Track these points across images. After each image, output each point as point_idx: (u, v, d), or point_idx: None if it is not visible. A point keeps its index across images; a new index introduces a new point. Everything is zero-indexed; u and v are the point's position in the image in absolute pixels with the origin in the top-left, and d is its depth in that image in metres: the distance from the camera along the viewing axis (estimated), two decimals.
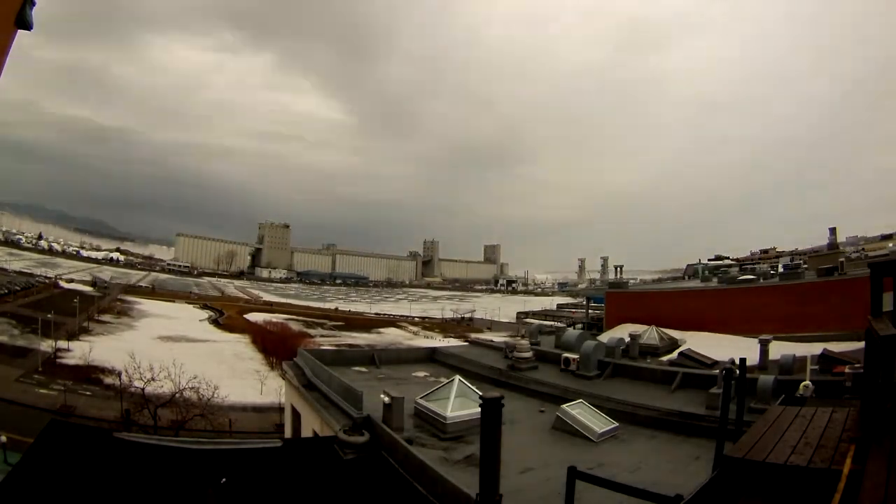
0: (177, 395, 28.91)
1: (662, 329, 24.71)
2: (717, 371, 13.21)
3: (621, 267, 54.32)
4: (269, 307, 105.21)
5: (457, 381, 12.46)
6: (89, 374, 38.90)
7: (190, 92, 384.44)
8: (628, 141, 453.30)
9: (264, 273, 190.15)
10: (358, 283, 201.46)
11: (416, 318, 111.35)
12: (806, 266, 33.52)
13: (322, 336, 70.75)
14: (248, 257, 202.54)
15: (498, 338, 38.26)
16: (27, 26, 3.14)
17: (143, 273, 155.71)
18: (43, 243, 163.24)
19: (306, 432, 13.67)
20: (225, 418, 30.35)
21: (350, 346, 56.71)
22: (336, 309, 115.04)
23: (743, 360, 8.28)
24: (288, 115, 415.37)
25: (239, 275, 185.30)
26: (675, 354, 20.76)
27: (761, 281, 30.17)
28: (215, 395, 30.53)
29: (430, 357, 20.39)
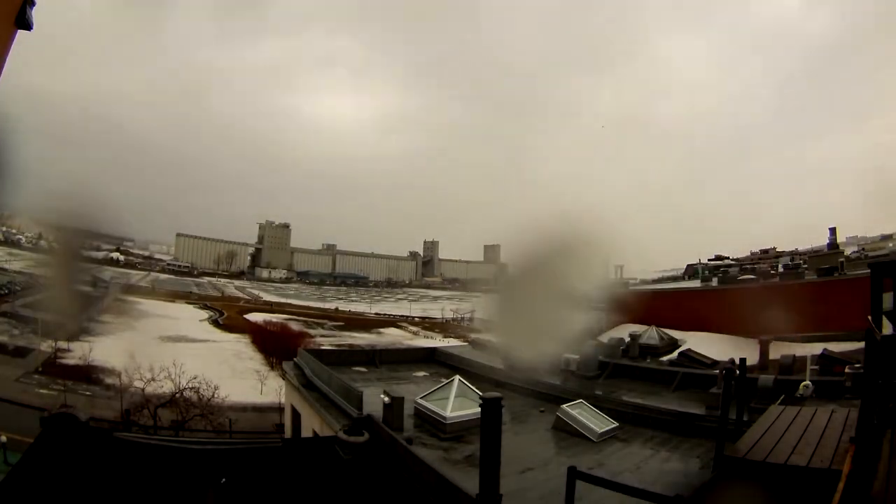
0: (177, 395, 28.92)
1: (662, 329, 24.71)
2: (717, 371, 13.21)
3: (622, 267, 54.23)
4: (269, 307, 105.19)
5: (457, 381, 12.46)
6: (89, 374, 38.91)
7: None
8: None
9: (264, 273, 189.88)
10: (358, 283, 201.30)
11: (417, 319, 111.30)
12: (806, 266, 33.50)
13: (322, 336, 70.73)
14: (248, 257, 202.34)
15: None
16: (27, 26, 3.14)
17: (143, 273, 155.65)
18: (43, 243, 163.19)
19: (306, 432, 13.68)
20: (225, 418, 30.36)
21: (350, 346, 56.72)
22: (336, 309, 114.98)
23: (743, 360, 8.29)
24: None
25: (239, 275, 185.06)
26: (675, 354, 20.78)
27: (761, 281, 30.16)
28: (215, 395, 30.54)
29: (430, 357, 20.38)
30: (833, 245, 44.11)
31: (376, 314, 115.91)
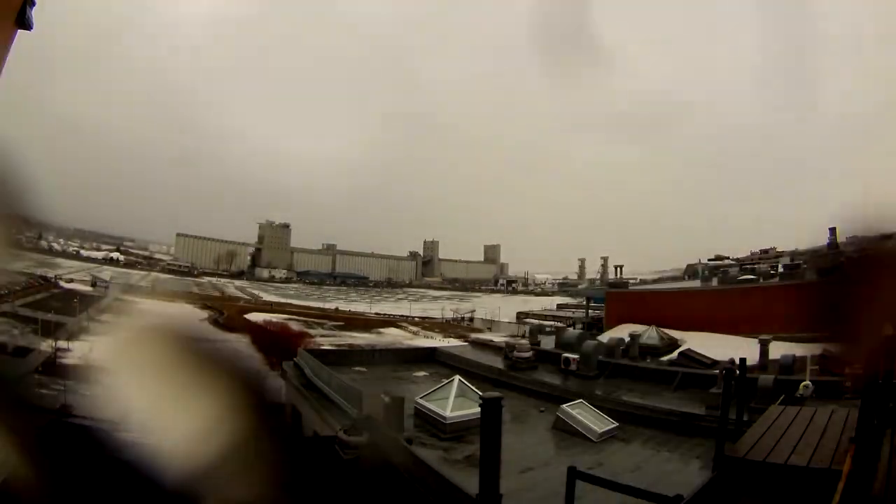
0: None
1: (662, 329, 24.73)
2: (717, 371, 13.22)
3: (621, 267, 54.37)
4: (269, 307, 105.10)
5: (457, 381, 12.48)
6: (89, 374, 38.93)
7: None
8: None
9: (264, 273, 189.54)
10: (358, 283, 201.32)
11: (417, 318, 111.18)
12: (806, 266, 33.50)
13: (322, 336, 70.60)
14: (248, 257, 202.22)
15: (498, 338, 38.25)
16: (27, 26, 3.13)
17: (143, 273, 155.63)
18: (43, 243, 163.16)
19: (306, 432, 13.68)
20: None
21: (350, 346, 56.63)
22: (336, 309, 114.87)
23: (743, 360, 8.30)
24: None
25: (239, 275, 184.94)
26: (675, 354, 20.79)
27: (761, 281, 30.17)
28: None
29: (430, 357, 20.40)
30: (833, 245, 44.07)
31: (376, 314, 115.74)
